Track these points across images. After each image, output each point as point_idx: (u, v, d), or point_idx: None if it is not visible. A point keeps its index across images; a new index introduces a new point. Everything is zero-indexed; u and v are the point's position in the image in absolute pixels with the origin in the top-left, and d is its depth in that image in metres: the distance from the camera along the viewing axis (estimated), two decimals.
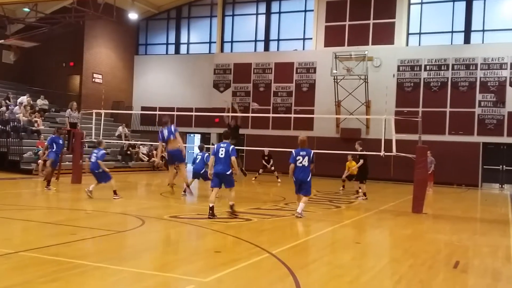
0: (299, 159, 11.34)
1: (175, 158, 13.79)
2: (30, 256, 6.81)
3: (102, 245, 8.03)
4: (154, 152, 27.73)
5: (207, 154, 15.27)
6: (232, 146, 11.10)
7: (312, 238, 9.63)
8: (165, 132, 13.58)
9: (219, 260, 7.18)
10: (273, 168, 23.01)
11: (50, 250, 7.24)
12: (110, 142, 24.97)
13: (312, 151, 11.54)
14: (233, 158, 10.96)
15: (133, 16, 29.74)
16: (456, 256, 8.17)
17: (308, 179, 11.40)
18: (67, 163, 19.67)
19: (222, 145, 11.16)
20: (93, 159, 13.87)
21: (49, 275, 5.94)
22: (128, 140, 27.17)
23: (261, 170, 23.24)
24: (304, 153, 11.39)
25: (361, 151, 15.97)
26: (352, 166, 17.95)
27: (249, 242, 8.47)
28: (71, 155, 18.57)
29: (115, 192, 13.54)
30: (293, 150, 11.63)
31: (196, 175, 15.54)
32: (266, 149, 22.58)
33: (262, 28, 30.83)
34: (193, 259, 7.30)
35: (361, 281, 6.48)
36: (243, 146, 22.86)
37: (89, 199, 13.15)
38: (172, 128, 13.63)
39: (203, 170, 15.09)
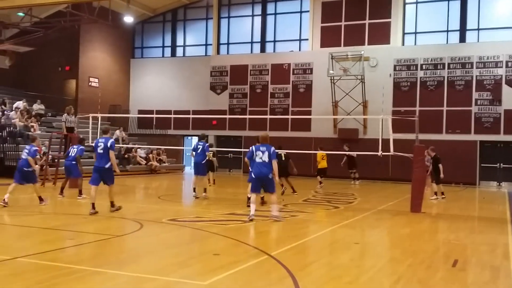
0: (258, 154, 10.89)
1: (104, 175, 11.66)
2: (28, 262, 6.79)
3: (101, 249, 8.01)
4: (151, 155, 27.75)
5: (207, 144, 15.37)
6: (273, 148, 10.84)
7: (310, 239, 9.63)
8: (99, 142, 11.63)
9: (218, 262, 7.16)
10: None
11: (48, 256, 7.22)
12: None
13: (273, 148, 11.00)
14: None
15: (128, 19, 29.67)
16: (454, 255, 8.18)
17: (271, 176, 10.88)
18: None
19: (262, 148, 10.87)
20: (24, 155, 12.50)
21: (48, 281, 5.92)
22: (126, 144, 27.14)
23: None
24: (264, 148, 10.91)
25: (435, 155, 16.45)
26: (322, 158, 19.34)
27: (247, 244, 8.47)
28: None
29: (40, 198, 12.76)
30: (252, 146, 11.22)
31: (197, 167, 15.17)
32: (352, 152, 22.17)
33: (258, 30, 30.84)
34: (191, 262, 7.29)
35: (360, 281, 6.47)
36: (241, 148, 22.84)
37: (87, 204, 13.09)
38: (109, 142, 11.55)
39: (204, 160, 15.08)
